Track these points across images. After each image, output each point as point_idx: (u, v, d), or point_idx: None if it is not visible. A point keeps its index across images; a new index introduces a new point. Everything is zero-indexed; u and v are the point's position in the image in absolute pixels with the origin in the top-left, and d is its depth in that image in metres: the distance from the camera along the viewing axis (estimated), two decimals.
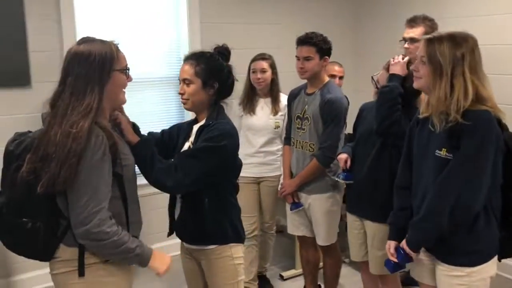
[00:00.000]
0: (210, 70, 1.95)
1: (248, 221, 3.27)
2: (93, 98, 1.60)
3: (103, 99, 1.64)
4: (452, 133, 1.79)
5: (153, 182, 1.85)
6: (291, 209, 2.98)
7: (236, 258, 2.06)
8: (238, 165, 2.09)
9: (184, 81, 1.95)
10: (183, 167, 1.83)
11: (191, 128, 2.06)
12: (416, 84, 1.94)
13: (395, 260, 1.99)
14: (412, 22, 2.80)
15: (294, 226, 3.05)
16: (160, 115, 3.89)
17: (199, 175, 1.86)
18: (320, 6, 4.45)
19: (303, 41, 2.78)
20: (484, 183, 1.76)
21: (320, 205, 2.86)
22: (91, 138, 1.55)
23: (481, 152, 1.76)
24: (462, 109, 1.75)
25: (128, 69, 1.74)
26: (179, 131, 2.08)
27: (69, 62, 1.64)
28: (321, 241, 2.93)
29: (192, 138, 2.02)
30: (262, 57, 3.19)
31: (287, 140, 3.06)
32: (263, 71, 3.16)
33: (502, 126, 1.84)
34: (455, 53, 1.77)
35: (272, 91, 3.23)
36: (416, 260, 1.98)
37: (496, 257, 1.90)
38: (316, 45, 2.74)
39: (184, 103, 1.99)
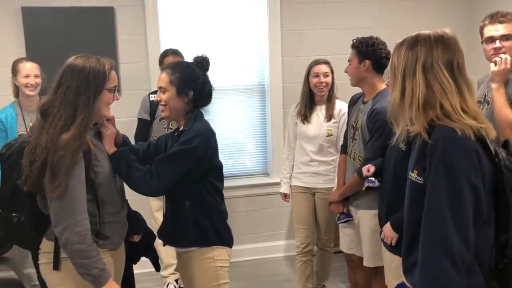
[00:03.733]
0: (184, 79, 2.02)
1: (301, 234, 3.15)
2: (85, 113, 1.71)
3: (93, 113, 1.74)
4: (421, 152, 1.45)
5: (132, 189, 1.96)
6: (337, 220, 2.77)
7: (219, 261, 2.06)
8: (216, 167, 2.08)
9: (160, 89, 2.05)
10: (157, 172, 1.91)
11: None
12: (390, 97, 1.63)
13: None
14: (502, 17, 2.38)
15: (345, 243, 2.83)
16: (244, 121, 4.04)
17: (173, 178, 1.93)
18: (426, 5, 4.05)
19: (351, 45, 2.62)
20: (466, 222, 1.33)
21: (367, 222, 2.59)
22: (74, 147, 1.66)
23: (451, 184, 1.32)
24: (411, 120, 1.42)
25: (115, 89, 1.84)
26: (167, 140, 2.17)
27: (63, 73, 1.74)
28: (366, 261, 2.64)
29: None
30: (324, 61, 3.06)
31: (344, 148, 2.85)
32: (326, 75, 3.02)
33: (488, 151, 1.37)
34: (411, 53, 1.44)
35: (328, 97, 3.07)
36: None
37: None
38: (354, 47, 2.55)
39: (162, 111, 2.08)
